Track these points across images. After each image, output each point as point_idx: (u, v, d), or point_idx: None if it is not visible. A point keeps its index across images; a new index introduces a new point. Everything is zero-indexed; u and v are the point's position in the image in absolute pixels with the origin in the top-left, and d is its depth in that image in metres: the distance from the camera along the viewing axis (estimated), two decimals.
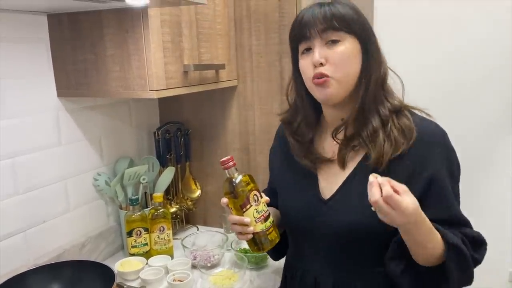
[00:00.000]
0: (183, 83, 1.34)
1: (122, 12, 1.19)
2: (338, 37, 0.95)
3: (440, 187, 0.96)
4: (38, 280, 1.18)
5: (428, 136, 0.97)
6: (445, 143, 0.99)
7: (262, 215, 0.98)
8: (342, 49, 0.95)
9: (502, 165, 2.25)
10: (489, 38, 2.13)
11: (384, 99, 0.99)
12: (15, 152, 1.24)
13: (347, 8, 0.96)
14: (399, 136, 0.95)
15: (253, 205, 0.98)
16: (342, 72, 0.95)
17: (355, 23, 0.96)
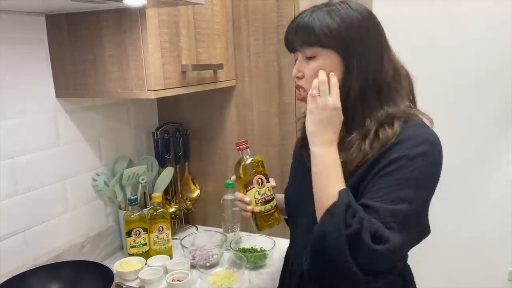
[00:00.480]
0: (181, 83, 1.34)
1: (120, 13, 1.19)
2: (313, 53, 0.95)
3: (377, 179, 0.90)
4: (37, 280, 1.19)
5: (403, 139, 0.91)
6: (415, 147, 0.89)
7: (263, 197, 1.08)
8: (314, 66, 0.96)
9: (501, 164, 2.25)
10: (489, 38, 2.13)
11: (372, 109, 0.95)
12: (14, 153, 1.24)
13: (328, 18, 0.93)
14: (369, 146, 0.93)
15: (255, 187, 1.08)
16: None
17: (333, 36, 0.93)
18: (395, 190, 0.87)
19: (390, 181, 0.88)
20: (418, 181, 0.88)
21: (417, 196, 0.88)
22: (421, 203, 0.90)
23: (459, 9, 2.15)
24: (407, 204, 0.86)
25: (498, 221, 2.28)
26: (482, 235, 2.30)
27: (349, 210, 0.86)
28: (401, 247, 0.86)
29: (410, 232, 0.88)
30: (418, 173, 0.88)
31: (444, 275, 2.37)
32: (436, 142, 0.92)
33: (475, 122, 2.24)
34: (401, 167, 0.88)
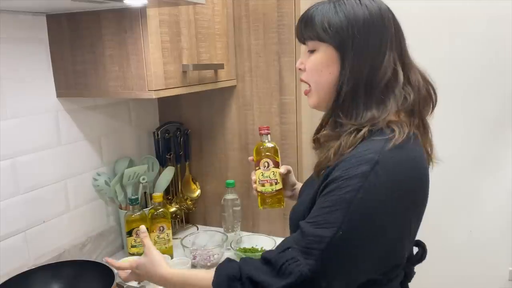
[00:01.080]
0: (182, 83, 1.34)
1: (120, 13, 1.19)
2: (313, 46, 0.95)
3: (319, 198, 0.86)
4: (38, 279, 1.19)
5: (354, 154, 0.84)
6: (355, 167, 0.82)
7: (266, 179, 1.18)
8: (313, 59, 0.95)
9: (502, 164, 2.25)
10: (489, 38, 2.13)
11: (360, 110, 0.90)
12: (15, 153, 1.24)
13: (333, 12, 0.91)
14: (334, 154, 0.89)
15: (261, 169, 1.18)
16: (313, 81, 0.97)
17: (332, 31, 0.90)
18: (326, 213, 0.82)
19: (324, 203, 0.83)
20: (350, 206, 0.80)
21: (347, 222, 0.79)
22: (353, 229, 0.80)
23: (459, 8, 2.15)
24: (334, 229, 0.80)
25: (499, 221, 2.28)
26: (482, 234, 2.30)
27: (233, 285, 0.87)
28: (316, 275, 0.80)
29: (340, 260, 0.81)
30: (350, 196, 0.80)
31: (444, 274, 2.37)
32: (388, 163, 0.82)
33: (475, 122, 2.24)
34: (336, 188, 0.82)
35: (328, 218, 0.81)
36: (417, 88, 0.92)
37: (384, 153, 0.82)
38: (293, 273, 0.80)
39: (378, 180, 0.80)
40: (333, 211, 0.81)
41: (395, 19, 0.94)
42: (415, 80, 0.93)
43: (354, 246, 0.81)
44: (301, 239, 0.83)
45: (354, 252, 0.82)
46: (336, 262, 0.81)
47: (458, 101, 2.22)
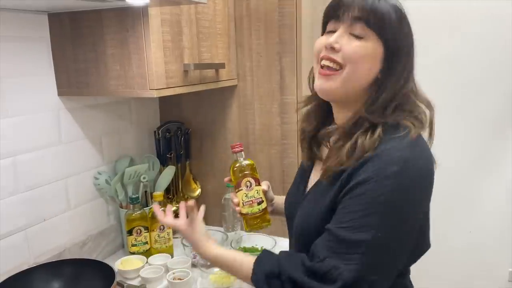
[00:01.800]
0: (183, 82, 1.34)
1: (122, 11, 1.19)
2: (363, 33, 0.87)
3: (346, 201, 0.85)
4: (38, 278, 1.19)
5: (378, 154, 0.84)
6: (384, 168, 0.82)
7: (250, 200, 1.11)
8: (360, 45, 0.87)
9: (502, 165, 2.25)
10: (489, 38, 2.13)
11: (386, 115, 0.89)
12: (16, 151, 1.24)
13: (393, 9, 0.87)
14: (346, 152, 0.87)
15: (243, 190, 1.11)
16: (352, 68, 0.88)
17: (391, 29, 0.87)
18: (361, 217, 0.82)
19: (356, 206, 0.83)
20: (386, 207, 0.81)
21: (384, 223, 0.81)
22: (391, 229, 0.82)
23: (459, 8, 2.15)
24: (372, 232, 0.80)
25: (499, 221, 2.28)
26: (482, 235, 2.30)
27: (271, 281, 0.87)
28: (359, 280, 0.80)
29: (384, 262, 0.83)
30: (385, 198, 0.81)
31: (444, 275, 2.37)
32: (414, 160, 0.83)
33: (475, 123, 2.24)
34: (368, 190, 0.82)
35: (364, 221, 0.81)
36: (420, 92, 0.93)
37: (408, 151, 0.84)
38: (337, 281, 0.80)
39: (408, 179, 0.82)
40: (368, 214, 0.81)
41: None
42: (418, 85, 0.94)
43: (392, 245, 0.83)
44: (338, 245, 0.83)
45: (392, 251, 0.84)
46: (377, 263, 0.82)
47: (457, 101, 2.22)
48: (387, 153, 0.83)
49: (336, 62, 0.88)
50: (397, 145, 0.84)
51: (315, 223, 0.92)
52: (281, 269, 0.87)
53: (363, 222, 0.82)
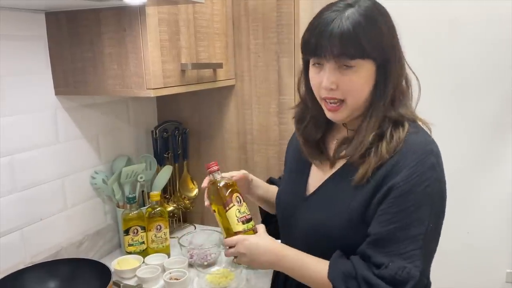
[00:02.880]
0: (181, 82, 1.34)
1: (120, 11, 1.19)
2: (352, 63, 0.88)
3: (391, 201, 0.87)
4: (35, 277, 1.19)
5: (409, 149, 0.89)
6: (423, 160, 0.87)
7: (244, 216, 1.03)
8: (354, 78, 0.89)
9: (500, 166, 2.25)
10: (488, 38, 2.13)
11: (391, 109, 0.93)
12: (13, 150, 1.24)
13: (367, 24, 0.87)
14: (385, 149, 0.90)
15: (235, 205, 1.02)
16: (354, 99, 0.92)
17: (373, 45, 0.88)
18: (412, 212, 0.86)
19: (405, 203, 0.86)
20: (432, 197, 0.88)
21: (433, 213, 0.87)
22: (437, 219, 0.90)
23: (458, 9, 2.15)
24: (425, 224, 0.86)
25: (497, 222, 2.28)
26: (480, 236, 2.30)
27: (348, 282, 0.89)
28: (423, 272, 0.86)
29: (432, 250, 0.90)
30: (431, 189, 0.87)
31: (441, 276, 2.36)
32: (438, 150, 0.91)
33: (473, 123, 2.24)
34: (413, 186, 0.86)
35: (415, 216, 0.86)
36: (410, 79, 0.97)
37: (434, 143, 0.92)
38: (409, 280, 0.84)
39: (441, 168, 0.90)
40: (418, 208, 0.86)
41: None
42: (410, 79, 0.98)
43: (438, 233, 0.92)
44: (396, 246, 0.86)
45: (438, 237, 0.92)
46: (430, 253, 0.90)
47: (456, 101, 2.22)
48: (418, 147, 0.89)
49: (338, 99, 0.93)
50: (424, 139, 0.91)
51: (340, 226, 0.93)
52: (356, 270, 0.89)
53: (415, 217, 0.86)
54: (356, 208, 0.91)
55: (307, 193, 1.05)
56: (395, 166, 0.88)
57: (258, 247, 0.98)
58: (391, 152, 0.89)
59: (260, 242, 0.99)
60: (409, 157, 0.87)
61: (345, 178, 0.95)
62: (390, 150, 0.89)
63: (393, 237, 0.86)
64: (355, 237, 0.93)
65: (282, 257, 0.98)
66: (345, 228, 0.93)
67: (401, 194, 0.86)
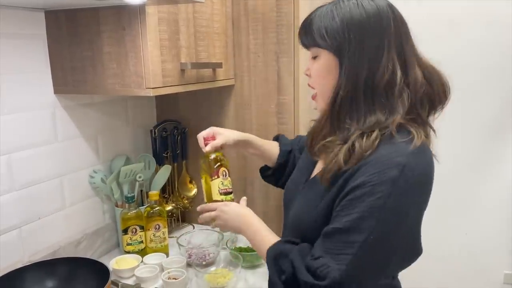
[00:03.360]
0: (180, 81, 1.34)
1: (119, 10, 1.19)
2: (315, 53, 0.96)
3: (343, 203, 0.86)
4: (33, 276, 1.19)
5: (375, 158, 0.85)
6: (383, 171, 0.82)
7: (225, 189, 1.17)
8: (315, 66, 0.96)
9: (499, 167, 2.26)
10: (488, 39, 2.13)
11: (361, 114, 0.89)
12: (11, 148, 1.24)
13: (329, 17, 0.90)
14: (343, 156, 0.87)
15: (220, 178, 1.16)
16: (318, 86, 0.98)
17: (329, 37, 0.90)
18: (356, 219, 0.83)
19: (353, 208, 0.83)
20: (381, 212, 0.81)
21: (378, 227, 0.82)
22: (384, 235, 0.83)
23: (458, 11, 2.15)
24: (365, 234, 0.82)
25: (495, 223, 2.28)
26: (478, 237, 2.30)
27: (279, 259, 0.92)
28: (347, 277, 0.82)
29: (369, 262, 0.84)
30: (380, 203, 0.81)
31: (439, 277, 2.37)
32: (413, 165, 0.83)
33: (472, 125, 2.24)
34: (365, 194, 0.82)
35: (359, 224, 0.82)
36: (413, 88, 0.91)
37: (409, 156, 0.83)
38: (326, 278, 0.83)
39: (406, 184, 0.82)
40: (364, 217, 0.82)
41: (396, 17, 0.92)
42: (412, 79, 0.91)
43: (384, 248, 0.85)
44: (331, 245, 0.85)
45: (383, 254, 0.86)
46: (366, 265, 0.84)
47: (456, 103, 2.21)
48: (387, 157, 0.84)
49: (311, 87, 1.01)
50: (399, 149, 0.84)
51: (309, 222, 0.95)
52: (292, 254, 0.91)
53: (357, 224, 0.83)
54: (322, 209, 0.92)
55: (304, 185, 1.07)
56: (356, 172, 0.85)
57: (230, 212, 1.11)
58: (351, 161, 0.86)
59: (235, 209, 1.11)
60: (373, 165, 0.84)
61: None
62: (348, 159, 0.87)
63: (333, 236, 0.86)
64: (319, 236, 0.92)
65: (249, 225, 1.08)
66: (312, 227, 0.94)
67: (352, 198, 0.84)
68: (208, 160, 1.19)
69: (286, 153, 1.33)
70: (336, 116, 0.92)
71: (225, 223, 1.12)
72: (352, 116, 0.90)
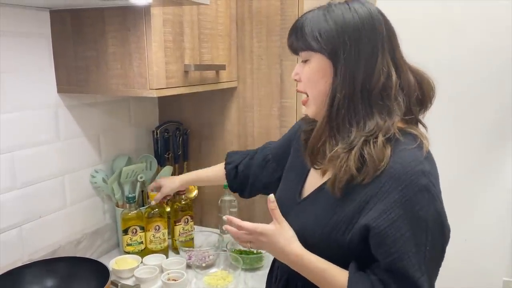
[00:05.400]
0: (183, 83, 1.34)
1: (125, 10, 1.19)
2: (306, 56, 0.95)
3: (384, 231, 0.84)
4: (32, 275, 1.19)
5: (397, 169, 0.85)
6: (413, 182, 0.83)
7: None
8: (307, 70, 0.95)
9: (498, 173, 2.26)
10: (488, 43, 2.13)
11: (361, 118, 0.89)
12: (14, 147, 1.24)
13: (322, 20, 0.90)
14: (354, 163, 0.87)
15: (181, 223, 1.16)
16: (311, 90, 0.96)
17: (323, 40, 0.90)
18: (409, 239, 0.83)
19: (399, 230, 0.83)
20: (428, 221, 0.84)
21: (431, 236, 0.84)
22: (437, 242, 0.86)
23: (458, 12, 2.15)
24: (423, 250, 0.83)
25: (494, 230, 2.28)
26: (477, 244, 2.31)
27: None
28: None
29: (436, 269, 0.90)
30: (424, 213, 0.83)
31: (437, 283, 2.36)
32: (433, 169, 0.86)
33: (472, 130, 2.24)
34: (406, 210, 0.83)
35: (415, 241, 0.83)
36: (408, 92, 0.92)
37: (425, 162, 0.86)
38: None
39: (436, 188, 0.85)
40: (415, 234, 0.83)
41: (386, 21, 0.93)
42: (406, 83, 0.92)
43: (440, 256, 0.90)
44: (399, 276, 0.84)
45: (440, 257, 0.91)
46: (434, 272, 0.89)
47: (455, 108, 2.22)
48: (408, 167, 0.84)
49: (302, 91, 0.98)
50: (415, 156, 0.85)
51: (320, 235, 0.92)
52: None
53: (412, 244, 0.83)
54: (337, 223, 0.90)
55: (301, 197, 1.04)
56: (382, 188, 0.85)
57: (272, 243, 0.96)
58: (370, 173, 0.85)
59: (276, 243, 0.96)
60: (396, 179, 0.84)
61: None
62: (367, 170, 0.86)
63: (395, 268, 0.84)
64: (333, 251, 0.92)
65: (297, 257, 0.94)
66: (323, 240, 0.92)
67: (393, 221, 0.83)
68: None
69: (232, 169, 1.39)
70: (335, 119, 0.91)
71: (269, 250, 0.99)
72: (351, 120, 0.90)
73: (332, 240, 0.91)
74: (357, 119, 0.90)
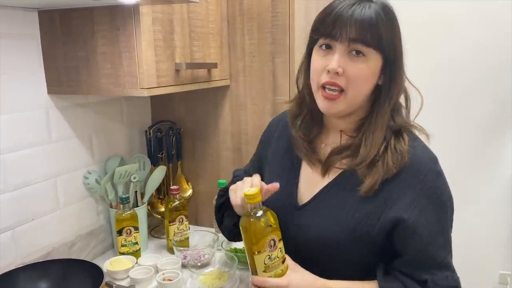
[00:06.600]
0: (175, 82, 1.33)
1: (113, 9, 1.18)
2: (365, 51, 0.87)
3: (413, 223, 0.88)
4: (26, 278, 1.18)
5: (415, 162, 0.91)
6: (430, 170, 0.91)
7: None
8: (363, 66, 0.88)
9: (494, 167, 2.26)
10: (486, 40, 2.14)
11: (391, 119, 0.94)
12: (5, 149, 1.23)
13: (385, 18, 0.88)
14: (392, 161, 0.90)
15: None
16: (356, 90, 0.90)
17: (387, 39, 0.88)
18: (435, 223, 0.90)
19: (429, 217, 0.90)
20: (446, 203, 0.93)
21: (450, 217, 0.95)
22: (452, 220, 0.97)
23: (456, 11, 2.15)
24: (447, 230, 0.94)
25: (490, 224, 2.29)
26: (473, 237, 2.31)
27: None
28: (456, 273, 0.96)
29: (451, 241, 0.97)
30: (445, 197, 0.92)
31: None
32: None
33: (469, 126, 2.25)
34: (430, 199, 0.90)
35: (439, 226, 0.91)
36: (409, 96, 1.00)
37: (431, 151, 0.95)
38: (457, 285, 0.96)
39: (442, 171, 0.94)
40: (439, 218, 0.92)
41: None
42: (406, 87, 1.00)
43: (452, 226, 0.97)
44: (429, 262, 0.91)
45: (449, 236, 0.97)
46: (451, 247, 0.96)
47: (452, 104, 2.22)
48: (422, 155, 0.92)
49: (339, 86, 0.89)
50: (424, 149, 0.94)
51: (341, 237, 0.92)
52: None
53: (439, 227, 0.92)
54: (361, 220, 0.91)
55: (300, 202, 1.01)
56: (403, 180, 0.90)
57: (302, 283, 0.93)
58: (397, 165, 0.90)
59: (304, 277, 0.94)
60: (418, 171, 0.90)
61: (345, 187, 0.94)
62: (396, 163, 0.90)
63: (426, 253, 0.90)
64: (355, 249, 0.92)
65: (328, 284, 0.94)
66: (346, 239, 0.92)
67: (421, 210, 0.89)
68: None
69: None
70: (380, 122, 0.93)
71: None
72: (389, 120, 0.94)
73: (357, 236, 0.91)
74: (389, 119, 0.95)
